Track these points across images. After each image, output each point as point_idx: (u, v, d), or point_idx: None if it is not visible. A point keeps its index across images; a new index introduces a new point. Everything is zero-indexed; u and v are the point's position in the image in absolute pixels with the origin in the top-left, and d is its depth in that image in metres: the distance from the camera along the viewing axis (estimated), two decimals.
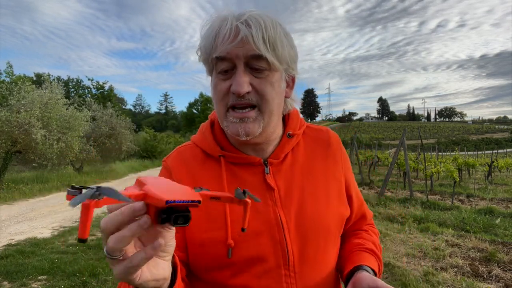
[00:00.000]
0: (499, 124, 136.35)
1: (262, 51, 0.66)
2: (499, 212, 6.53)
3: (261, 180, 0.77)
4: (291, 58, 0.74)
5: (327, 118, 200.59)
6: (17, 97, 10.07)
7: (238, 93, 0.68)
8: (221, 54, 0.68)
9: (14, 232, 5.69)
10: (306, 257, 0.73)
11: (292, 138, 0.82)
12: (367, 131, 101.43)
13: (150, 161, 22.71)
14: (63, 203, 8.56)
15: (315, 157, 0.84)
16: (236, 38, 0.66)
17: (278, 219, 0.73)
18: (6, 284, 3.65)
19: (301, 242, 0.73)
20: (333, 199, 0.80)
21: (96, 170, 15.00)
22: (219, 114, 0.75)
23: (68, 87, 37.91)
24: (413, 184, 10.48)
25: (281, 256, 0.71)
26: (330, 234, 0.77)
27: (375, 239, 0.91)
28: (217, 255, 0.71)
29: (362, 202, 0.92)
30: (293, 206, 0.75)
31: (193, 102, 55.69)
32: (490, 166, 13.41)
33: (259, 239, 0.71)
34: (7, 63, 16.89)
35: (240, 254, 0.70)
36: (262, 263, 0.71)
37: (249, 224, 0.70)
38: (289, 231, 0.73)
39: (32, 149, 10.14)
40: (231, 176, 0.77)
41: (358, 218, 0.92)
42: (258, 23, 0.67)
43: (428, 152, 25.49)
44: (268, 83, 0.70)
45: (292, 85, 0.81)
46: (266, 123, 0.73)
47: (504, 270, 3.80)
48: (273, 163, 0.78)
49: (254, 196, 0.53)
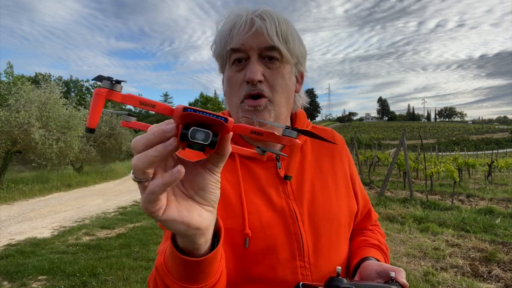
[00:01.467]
0: (499, 124, 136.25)
1: (275, 42, 0.71)
2: (499, 212, 6.53)
3: (274, 174, 0.79)
4: (301, 54, 0.79)
5: (327, 118, 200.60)
6: (16, 97, 10.07)
7: (252, 80, 0.71)
8: (236, 45, 0.72)
9: (14, 232, 5.69)
10: (320, 249, 0.75)
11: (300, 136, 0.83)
12: (367, 131, 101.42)
13: None
14: (63, 203, 8.57)
15: (322, 155, 0.86)
16: (251, 30, 0.71)
17: (292, 211, 0.75)
18: (6, 284, 3.65)
19: (314, 234, 0.75)
20: (342, 194, 0.83)
21: (96, 170, 14.99)
22: (234, 106, 0.77)
23: (68, 87, 37.97)
24: (413, 184, 10.48)
25: (296, 247, 0.72)
26: (341, 228, 0.79)
27: (381, 238, 0.91)
28: (234, 244, 0.70)
29: (367, 201, 0.94)
30: (305, 199, 0.77)
31: (194, 102, 55.65)
32: (490, 166, 13.40)
33: (275, 230, 0.72)
34: (8, 63, 16.85)
35: (256, 244, 0.70)
36: (278, 254, 0.71)
37: (264, 215, 0.73)
38: (303, 223, 0.74)
39: (32, 149, 10.14)
40: (245, 169, 0.79)
41: (363, 216, 0.94)
42: (272, 18, 0.72)
43: (428, 152, 25.49)
44: (279, 74, 0.74)
45: (301, 80, 0.84)
46: (277, 114, 0.75)
47: (504, 270, 3.80)
48: (284, 158, 0.80)
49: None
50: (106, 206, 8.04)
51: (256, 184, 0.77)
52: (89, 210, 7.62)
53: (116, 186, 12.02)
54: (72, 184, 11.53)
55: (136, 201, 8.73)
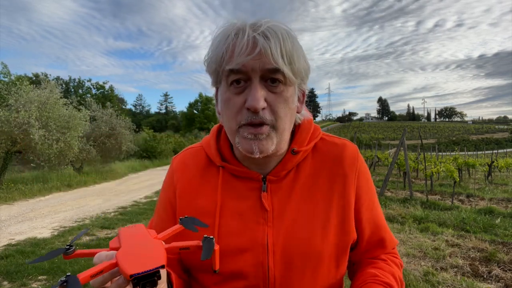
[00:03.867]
0: (499, 124, 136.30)
1: (279, 65, 0.64)
2: (499, 212, 6.53)
3: (257, 197, 0.74)
4: (305, 71, 0.72)
5: (327, 118, 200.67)
6: (16, 97, 10.06)
7: (255, 109, 0.64)
8: (236, 67, 0.65)
9: (14, 232, 5.69)
10: (289, 282, 0.71)
11: (296, 155, 0.77)
12: (367, 131, 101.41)
13: (150, 161, 22.67)
14: (63, 203, 8.57)
15: (321, 176, 0.77)
16: (254, 51, 0.63)
17: (265, 240, 0.71)
18: (6, 284, 3.65)
19: (285, 266, 0.70)
20: (332, 225, 0.74)
21: (96, 170, 14.98)
22: (230, 130, 0.71)
23: (68, 87, 37.92)
24: (413, 184, 10.47)
25: (261, 277, 0.70)
26: (321, 263, 0.72)
27: (396, 270, 0.80)
28: (202, 263, 0.71)
29: (379, 227, 0.82)
30: (283, 228, 0.72)
31: (194, 102, 55.70)
32: (490, 166, 13.41)
33: (243, 256, 0.70)
34: (2, 63, 16.84)
35: (222, 267, 0.69)
36: (243, 280, 0.70)
37: (235, 239, 0.71)
38: (274, 253, 0.70)
39: (31, 149, 10.14)
40: (228, 188, 0.76)
41: (373, 245, 0.82)
42: (276, 35, 0.64)
43: (428, 152, 25.49)
44: (283, 99, 0.68)
45: (303, 99, 0.78)
46: (279, 141, 0.70)
47: (504, 270, 3.80)
48: (272, 180, 0.75)
49: (202, 223, 0.58)
50: (106, 206, 8.04)
51: (234, 205, 0.74)
52: (89, 210, 7.62)
53: (116, 186, 12.02)
54: (72, 184, 11.52)
55: (136, 201, 8.73)
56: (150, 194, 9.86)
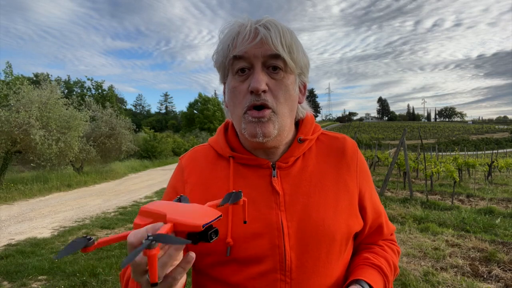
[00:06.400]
0: (499, 124, 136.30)
1: (279, 51, 0.70)
2: (499, 212, 6.53)
3: (268, 182, 0.77)
4: (305, 64, 0.78)
5: (327, 118, 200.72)
6: (16, 97, 10.06)
7: (257, 90, 0.70)
8: (239, 53, 0.71)
9: (14, 232, 5.69)
10: (304, 265, 0.72)
11: (303, 143, 0.82)
12: (367, 131, 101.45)
13: (150, 161, 22.67)
14: (63, 203, 8.57)
15: (326, 165, 0.82)
16: (255, 39, 0.70)
17: (279, 223, 0.73)
18: (6, 284, 3.65)
19: (300, 249, 0.72)
20: (342, 209, 0.77)
21: (96, 170, 14.98)
22: (237, 117, 0.76)
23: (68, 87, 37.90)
24: (413, 184, 10.48)
25: (278, 260, 0.71)
26: (334, 245, 0.75)
27: (390, 256, 0.85)
28: (216, 252, 0.72)
29: (379, 214, 0.87)
30: (297, 212, 0.74)
31: (193, 102, 55.64)
32: (490, 166, 13.41)
33: (258, 241, 0.72)
34: (7, 62, 16.82)
35: (238, 253, 0.71)
36: (259, 265, 0.71)
37: (249, 225, 0.72)
38: (289, 236, 0.72)
39: (31, 149, 10.14)
40: (238, 176, 0.78)
41: (373, 231, 0.87)
42: (276, 27, 0.71)
43: (428, 152, 25.49)
44: (283, 85, 0.73)
45: (304, 91, 0.83)
46: (281, 125, 0.74)
47: (504, 270, 3.80)
48: (281, 166, 0.79)
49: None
50: (106, 206, 8.04)
51: (246, 193, 0.75)
52: (89, 210, 7.62)
53: (116, 186, 12.01)
54: (72, 184, 11.52)
55: (136, 201, 8.72)
56: (150, 194, 9.86)
